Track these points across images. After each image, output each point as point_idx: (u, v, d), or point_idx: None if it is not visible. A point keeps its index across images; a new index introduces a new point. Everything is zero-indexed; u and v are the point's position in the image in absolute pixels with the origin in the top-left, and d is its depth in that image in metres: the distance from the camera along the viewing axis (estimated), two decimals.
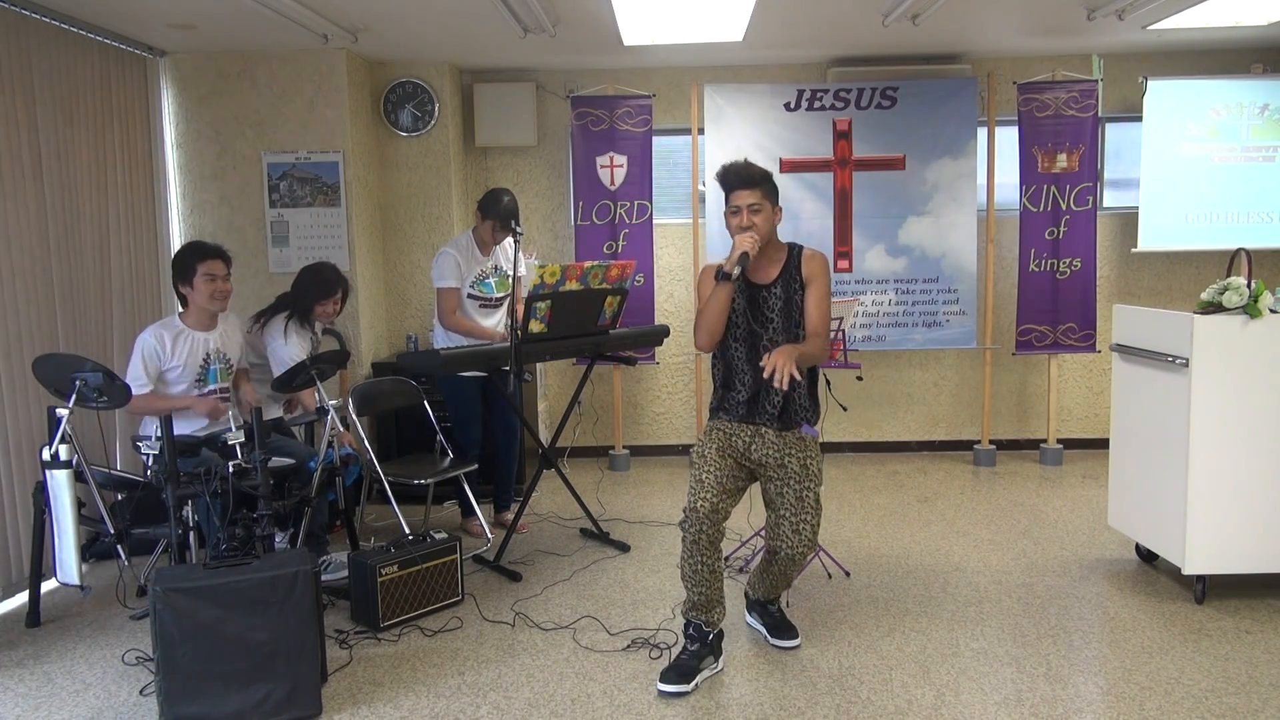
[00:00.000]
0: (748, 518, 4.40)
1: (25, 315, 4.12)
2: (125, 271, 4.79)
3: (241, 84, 5.27)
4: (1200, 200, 5.72)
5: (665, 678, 3.12)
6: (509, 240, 4.52)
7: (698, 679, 3.14)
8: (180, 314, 3.93)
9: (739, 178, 3.19)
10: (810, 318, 3.21)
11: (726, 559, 4.24)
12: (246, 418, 3.92)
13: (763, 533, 3.56)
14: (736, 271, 3.12)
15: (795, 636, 3.44)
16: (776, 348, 3.04)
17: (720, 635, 3.28)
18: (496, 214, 4.37)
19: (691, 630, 3.22)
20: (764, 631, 3.51)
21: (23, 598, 3.92)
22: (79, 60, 4.50)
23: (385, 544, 3.75)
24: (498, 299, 4.59)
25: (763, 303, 3.23)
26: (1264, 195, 5.71)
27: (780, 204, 3.27)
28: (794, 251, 3.27)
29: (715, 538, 3.15)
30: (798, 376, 2.94)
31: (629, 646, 3.44)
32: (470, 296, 4.54)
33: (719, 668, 3.23)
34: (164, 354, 3.80)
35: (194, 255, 3.86)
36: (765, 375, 2.95)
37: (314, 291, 4.34)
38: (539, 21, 4.62)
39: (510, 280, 4.56)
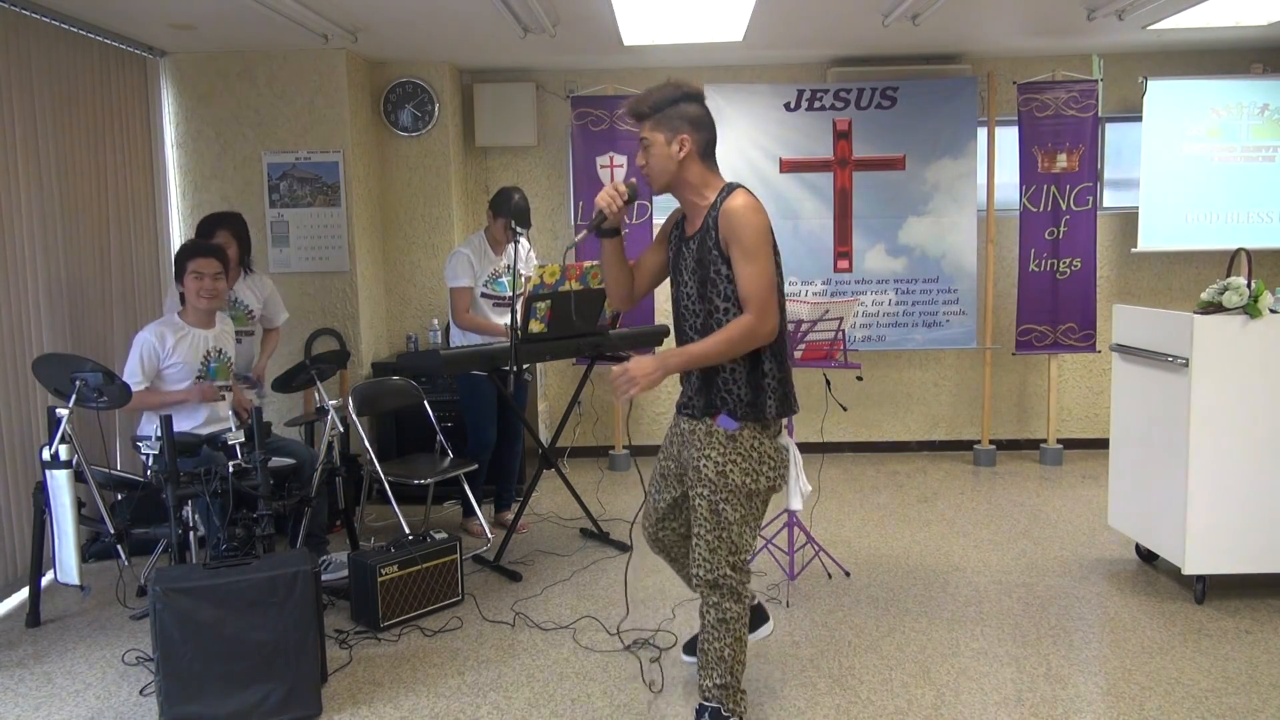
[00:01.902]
0: None
1: (25, 315, 4.12)
2: (125, 271, 4.79)
3: (241, 84, 5.27)
4: (1200, 200, 5.72)
5: (687, 648, 3.16)
6: (522, 239, 4.53)
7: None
8: (180, 312, 3.94)
9: (629, 110, 2.66)
10: (739, 287, 2.55)
11: None
12: (245, 419, 3.94)
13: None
14: (581, 234, 2.79)
15: None
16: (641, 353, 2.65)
17: (758, 605, 3.08)
18: (508, 212, 4.38)
19: None
20: None
21: (23, 597, 3.92)
22: (79, 60, 4.50)
23: (385, 544, 3.75)
24: (511, 298, 4.59)
25: (682, 259, 2.70)
26: (1264, 195, 5.70)
27: (690, 131, 2.58)
28: (720, 198, 2.59)
29: (679, 559, 3.00)
30: (635, 391, 2.50)
31: (629, 646, 3.44)
32: (484, 295, 4.54)
33: (770, 629, 3.16)
34: (163, 351, 3.81)
35: (185, 254, 3.90)
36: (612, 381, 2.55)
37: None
38: (539, 21, 4.62)
39: (525, 280, 4.56)
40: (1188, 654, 3.29)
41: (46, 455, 3.27)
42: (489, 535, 4.57)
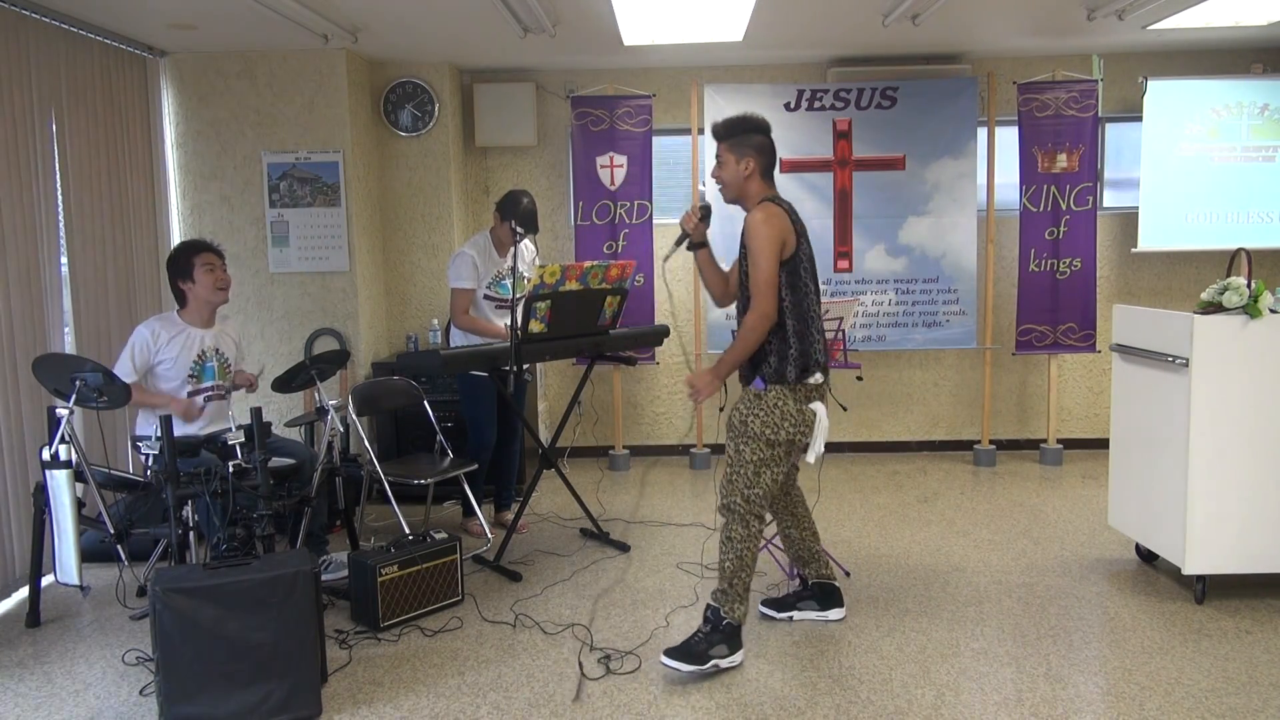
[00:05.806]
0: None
1: (25, 315, 4.12)
2: (124, 271, 4.79)
3: (241, 84, 5.27)
4: (1200, 200, 5.72)
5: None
6: (527, 241, 4.52)
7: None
8: (179, 311, 3.95)
9: (711, 131, 3.32)
10: (749, 281, 3.17)
11: None
12: (247, 385, 4.06)
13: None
14: (671, 251, 3.46)
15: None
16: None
17: (835, 588, 3.59)
18: (515, 215, 4.37)
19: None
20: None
21: (23, 597, 3.92)
22: (79, 60, 4.50)
23: (385, 544, 3.75)
24: (513, 300, 4.58)
25: (742, 255, 3.32)
26: (1264, 195, 5.70)
27: (754, 156, 3.19)
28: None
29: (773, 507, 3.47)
30: (701, 398, 3.17)
31: (628, 650, 3.43)
32: (486, 297, 4.54)
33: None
34: (153, 347, 3.82)
35: (189, 251, 3.94)
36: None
37: None
38: (539, 21, 4.62)
39: (526, 282, 4.56)
40: (1188, 654, 3.29)
41: (46, 455, 3.27)
42: (489, 535, 4.57)
